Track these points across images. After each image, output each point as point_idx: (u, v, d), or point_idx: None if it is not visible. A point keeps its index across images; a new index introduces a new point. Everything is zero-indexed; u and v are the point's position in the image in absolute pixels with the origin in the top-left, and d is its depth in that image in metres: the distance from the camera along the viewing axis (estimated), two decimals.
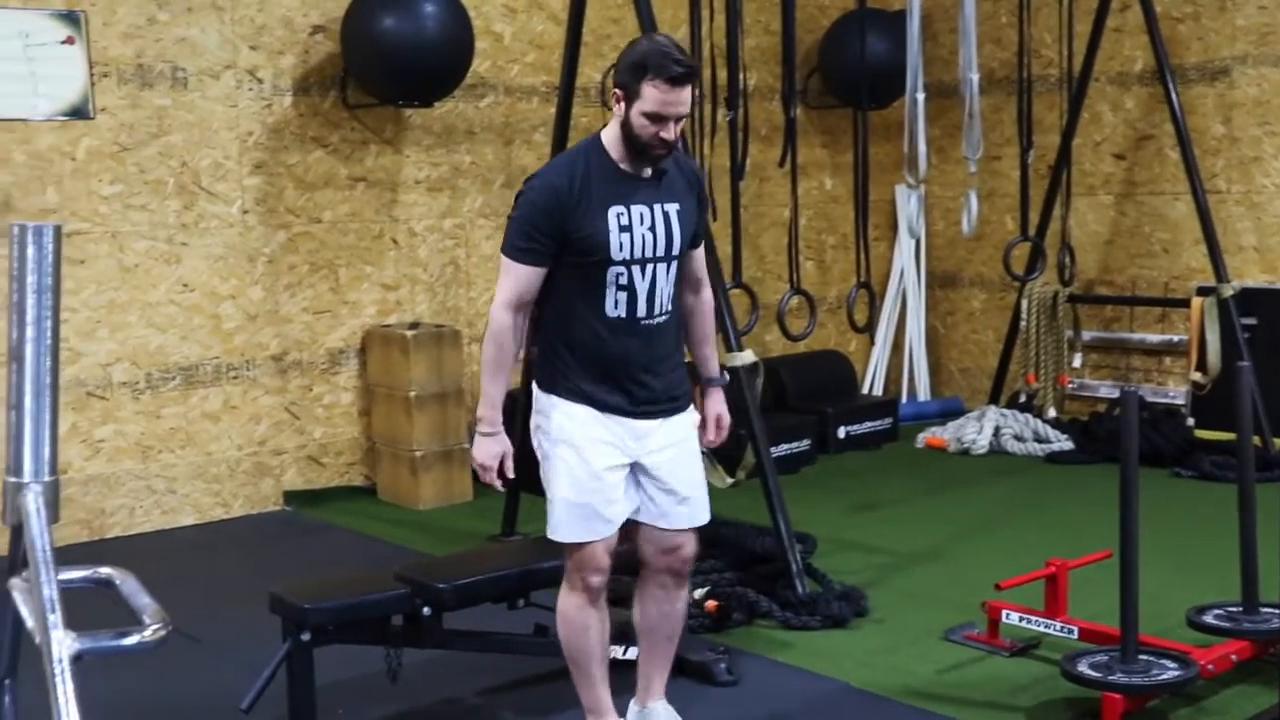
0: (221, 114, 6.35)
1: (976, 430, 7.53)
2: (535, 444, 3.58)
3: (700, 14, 5.73)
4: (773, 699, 4.12)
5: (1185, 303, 7.36)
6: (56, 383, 1.50)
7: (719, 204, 6.05)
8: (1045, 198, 7.77)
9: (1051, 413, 7.79)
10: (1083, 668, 3.83)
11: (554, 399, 3.50)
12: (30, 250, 1.43)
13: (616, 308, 3.46)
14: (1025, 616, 4.38)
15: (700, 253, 3.73)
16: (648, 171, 3.48)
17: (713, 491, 5.44)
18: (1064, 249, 7.66)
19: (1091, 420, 7.59)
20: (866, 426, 7.75)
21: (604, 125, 3.52)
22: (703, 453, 5.30)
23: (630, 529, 3.61)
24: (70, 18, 5.94)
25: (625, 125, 3.40)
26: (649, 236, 3.45)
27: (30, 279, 1.44)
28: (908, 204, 6.39)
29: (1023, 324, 7.88)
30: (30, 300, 1.44)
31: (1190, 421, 7.25)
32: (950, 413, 8.27)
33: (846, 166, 7.95)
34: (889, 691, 4.11)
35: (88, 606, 2.38)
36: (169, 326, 6.25)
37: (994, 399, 8.08)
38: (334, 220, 6.71)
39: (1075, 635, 4.27)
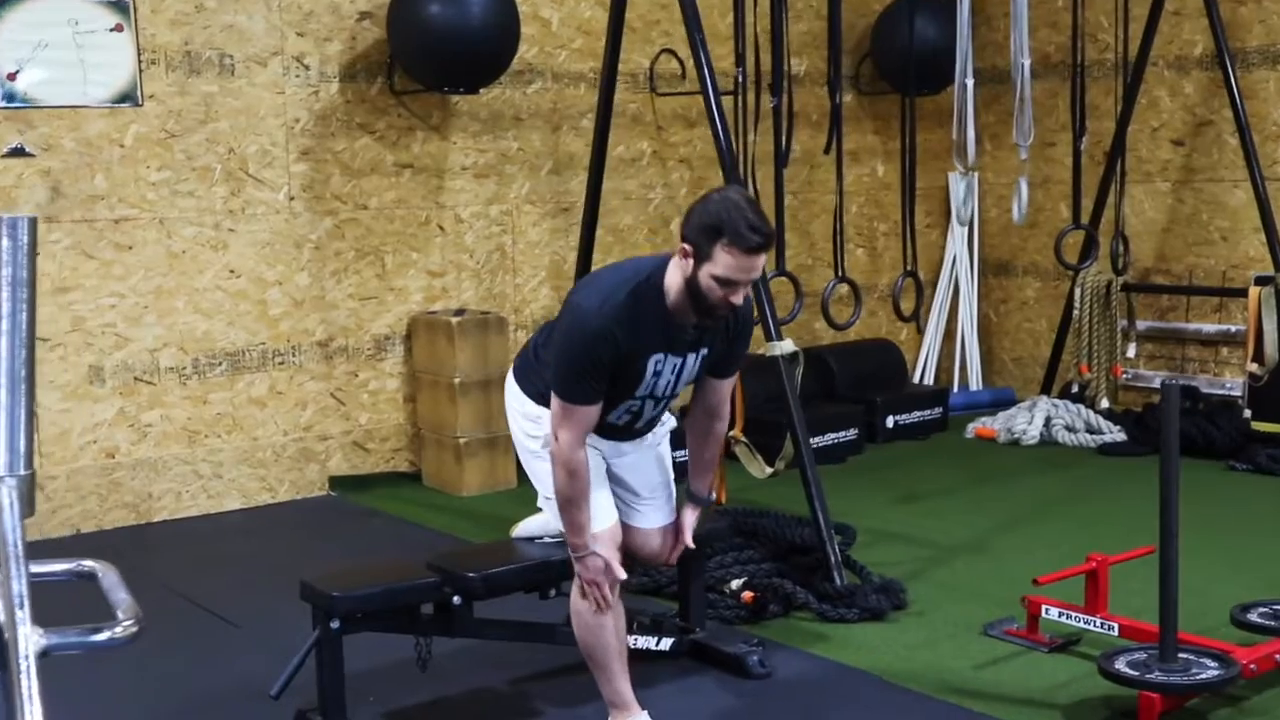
0: (268, 101, 6.38)
1: (1027, 421, 7.42)
2: (519, 444, 3.75)
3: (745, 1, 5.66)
4: (805, 692, 4.08)
5: (1243, 292, 7.21)
6: (32, 376, 1.49)
7: (764, 190, 6.02)
8: (1099, 185, 7.64)
9: (1104, 403, 7.67)
10: (1120, 665, 3.76)
11: (534, 404, 3.64)
12: (5, 243, 1.43)
13: (619, 419, 3.60)
14: (1065, 612, 4.31)
15: (726, 383, 3.73)
16: (693, 319, 3.43)
17: (752, 482, 5.47)
18: (1117, 237, 7.53)
19: (1145, 411, 7.46)
20: (915, 416, 7.67)
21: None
22: (742, 443, 5.33)
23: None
24: (119, 5, 5.99)
25: (692, 283, 3.32)
26: (671, 380, 3.54)
27: (5, 271, 1.43)
28: (958, 191, 6.30)
29: (1075, 313, 7.76)
30: (5, 293, 1.43)
31: (1247, 414, 7.10)
32: (1002, 403, 8.17)
33: (899, 153, 7.85)
34: (924, 686, 4.06)
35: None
36: (216, 312, 6.30)
37: (1046, 389, 7.97)
38: (380, 207, 6.72)
39: (1116, 632, 4.19)
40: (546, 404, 3.52)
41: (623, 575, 3.56)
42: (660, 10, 7.43)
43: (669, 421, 3.86)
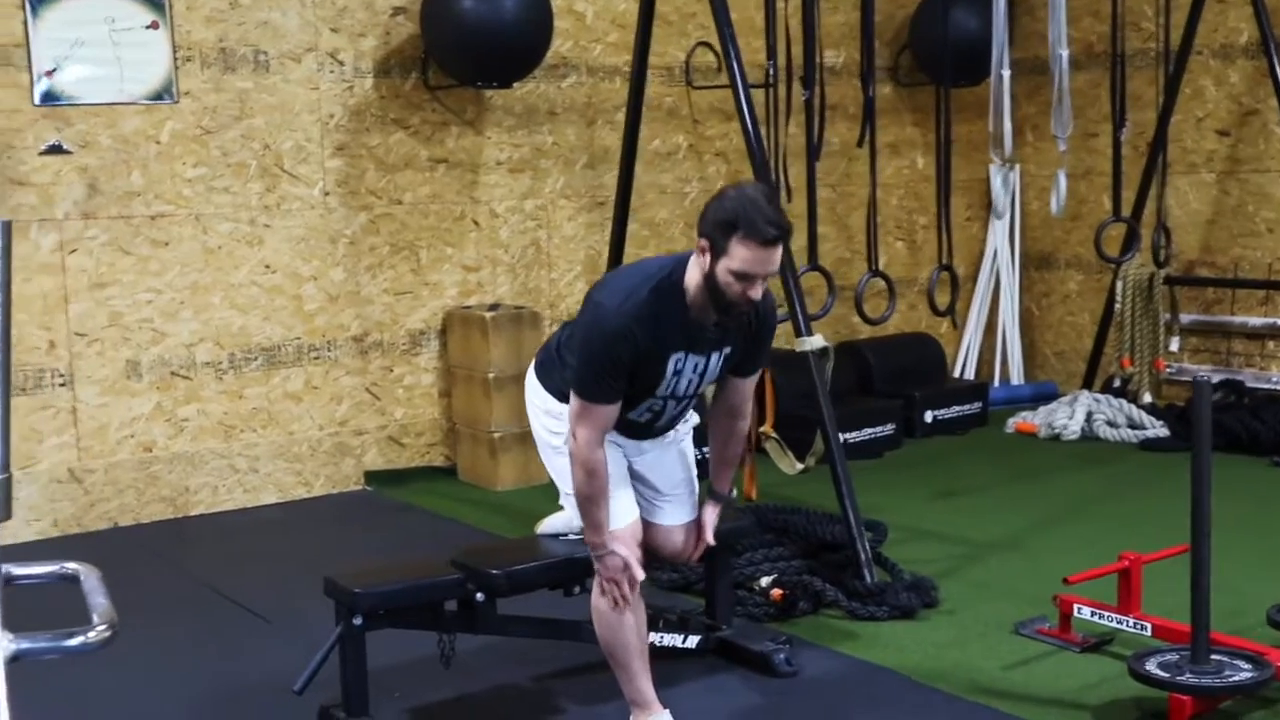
0: (303, 96, 6.40)
1: (1068, 415, 7.34)
2: (540, 440, 3.74)
3: None
4: (831, 691, 4.05)
5: None
6: (8, 381, 1.49)
7: (797, 184, 5.98)
8: (1142, 176, 7.53)
9: (1147, 398, 7.57)
10: (1150, 667, 3.70)
11: (555, 400, 3.61)
12: None
13: (640, 417, 3.57)
14: (1097, 611, 4.25)
15: (748, 382, 3.70)
16: (714, 317, 3.40)
17: (783, 478, 5.43)
18: (1159, 229, 7.42)
19: (1188, 406, 7.35)
20: (954, 411, 7.60)
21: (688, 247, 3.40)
22: (773, 438, 5.29)
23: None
24: (155, 2, 6.02)
25: (710, 279, 3.29)
26: (694, 379, 3.51)
27: None
28: (996, 183, 6.23)
29: (1117, 306, 7.65)
30: None
31: None
32: (1044, 397, 8.07)
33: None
34: (952, 686, 4.02)
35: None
36: (251, 307, 6.33)
37: (1087, 383, 7.88)
38: (415, 202, 6.73)
39: (1149, 632, 4.13)
40: (567, 401, 3.50)
41: (641, 575, 3.54)
42: (696, 3, 7.39)
43: (691, 418, 3.83)
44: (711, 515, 3.80)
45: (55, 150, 5.85)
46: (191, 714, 4.02)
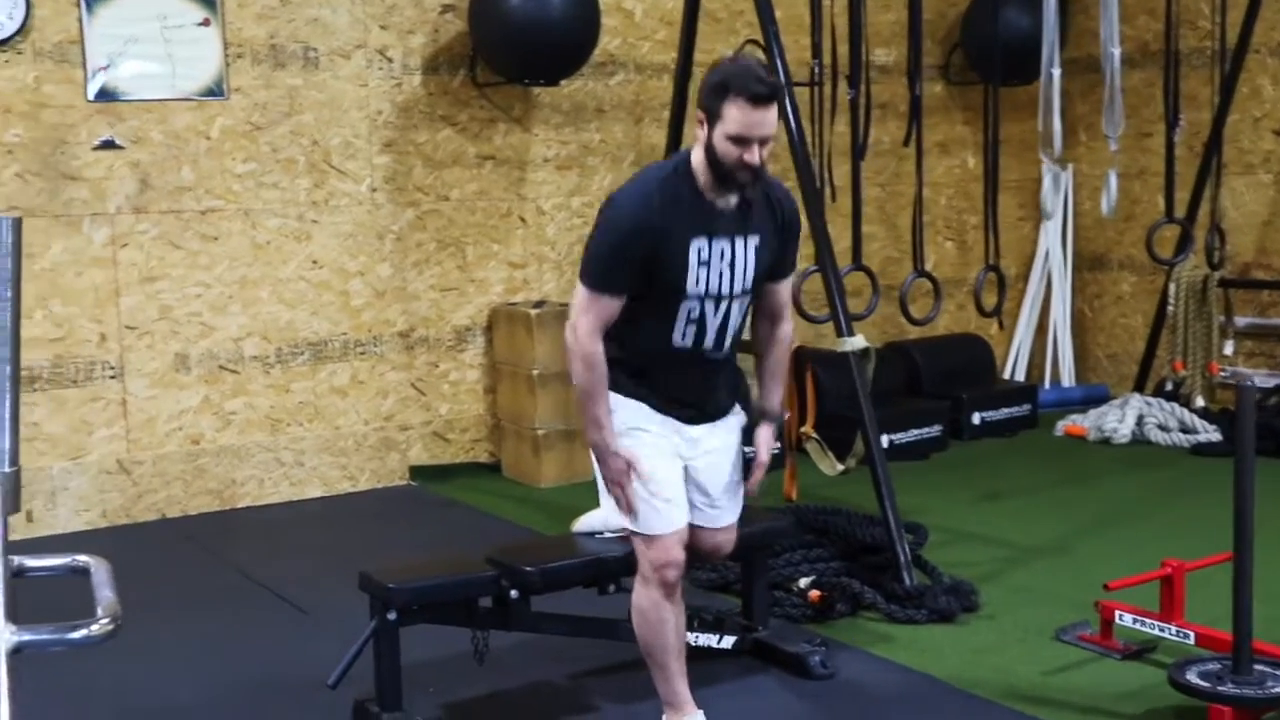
0: (352, 93, 6.44)
1: (1118, 419, 7.25)
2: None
3: None
4: (866, 694, 4.02)
5: None
6: (17, 375, 1.50)
7: (843, 183, 5.95)
8: (1196, 177, 7.42)
9: (1200, 402, 7.46)
10: (1191, 676, 3.64)
11: (614, 396, 3.47)
12: None
13: (684, 339, 3.44)
14: (1139, 618, 4.20)
15: (784, 286, 3.63)
16: (733, 201, 3.38)
17: (824, 479, 5.40)
18: (1213, 231, 7.31)
19: None
20: (1003, 413, 7.53)
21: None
22: (815, 440, 5.26)
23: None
24: (206, 0, 6.08)
25: (709, 149, 3.30)
26: (727, 273, 3.39)
27: None
28: (1049, 183, 6.16)
29: (1170, 309, 7.55)
30: None
31: None
32: (1095, 399, 7.98)
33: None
34: (988, 691, 3.98)
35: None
36: (299, 302, 6.38)
37: (1139, 386, 7.78)
38: (462, 198, 6.75)
39: (1192, 640, 4.07)
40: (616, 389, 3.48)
41: (644, 470, 3.43)
42: (745, 1, 7.35)
43: (739, 413, 3.75)
44: (766, 435, 3.65)
45: (108, 145, 5.93)
46: (226, 704, 4.05)
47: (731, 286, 3.41)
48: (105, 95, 5.91)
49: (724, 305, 3.42)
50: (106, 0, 5.88)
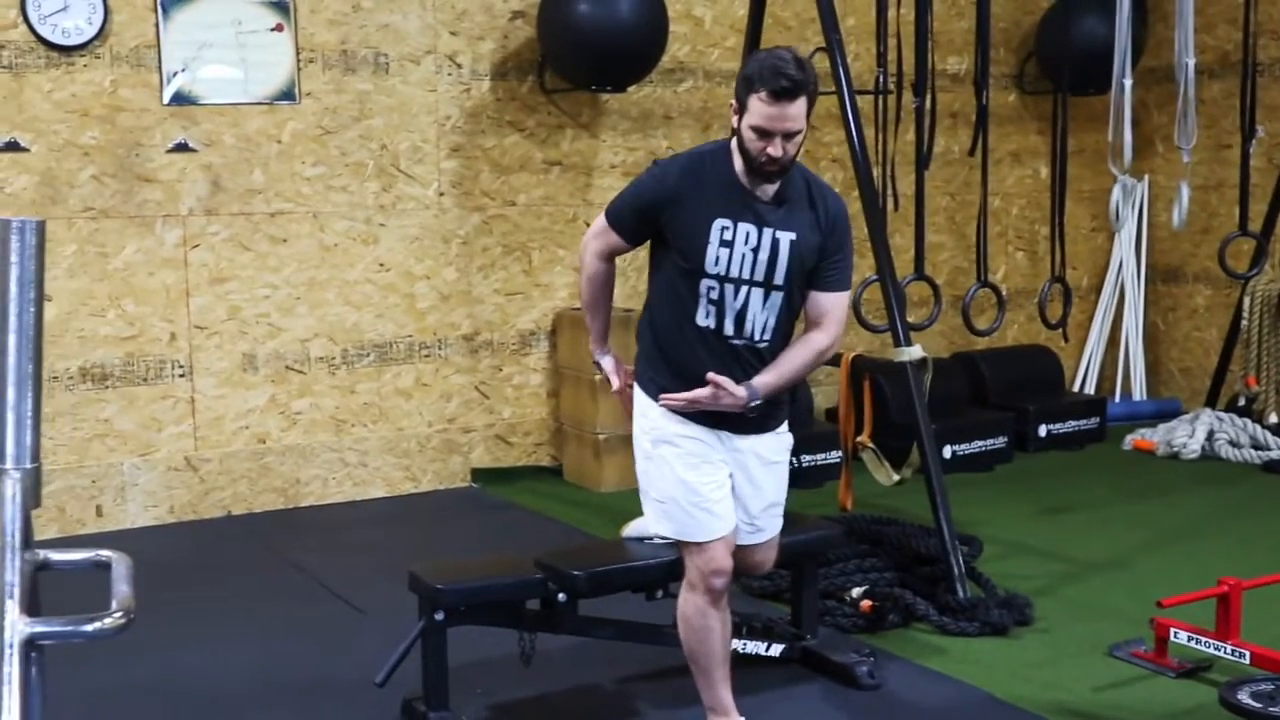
0: (421, 98, 6.51)
1: (1188, 434, 7.13)
2: (635, 442, 3.61)
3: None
4: (912, 707, 4.00)
5: None
6: (39, 373, 1.55)
7: (908, 193, 5.92)
8: (1275, 190, 7.29)
9: (1273, 418, 7.31)
10: (1243, 696, 3.60)
11: (649, 402, 3.49)
12: (14, 243, 1.49)
13: (706, 318, 3.44)
14: (1195, 636, 4.13)
15: (828, 296, 3.49)
16: (770, 191, 3.39)
17: (880, 489, 5.38)
18: None
19: None
20: (1070, 426, 7.44)
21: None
22: (870, 449, 5.24)
23: None
24: (280, 6, 6.19)
25: (738, 137, 3.35)
26: (749, 258, 3.38)
27: (13, 272, 1.49)
28: (1117, 195, 6.08)
29: (1244, 323, 7.42)
30: (13, 293, 1.50)
31: None
32: (1167, 414, 7.86)
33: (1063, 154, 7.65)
34: (1037, 707, 3.94)
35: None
36: (365, 305, 6.46)
37: (1211, 401, 7.65)
38: (528, 203, 6.81)
39: (1247, 660, 4.00)
40: (643, 390, 3.56)
41: (616, 384, 3.74)
42: (815, 9, 7.33)
43: (786, 435, 3.70)
44: (733, 386, 3.38)
45: (181, 148, 6.05)
46: (276, 699, 4.12)
47: (753, 273, 3.39)
48: (180, 99, 6.03)
49: (743, 291, 3.40)
50: (183, 5, 6.00)
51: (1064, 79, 6.10)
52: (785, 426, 3.69)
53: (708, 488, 3.48)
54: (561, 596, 3.86)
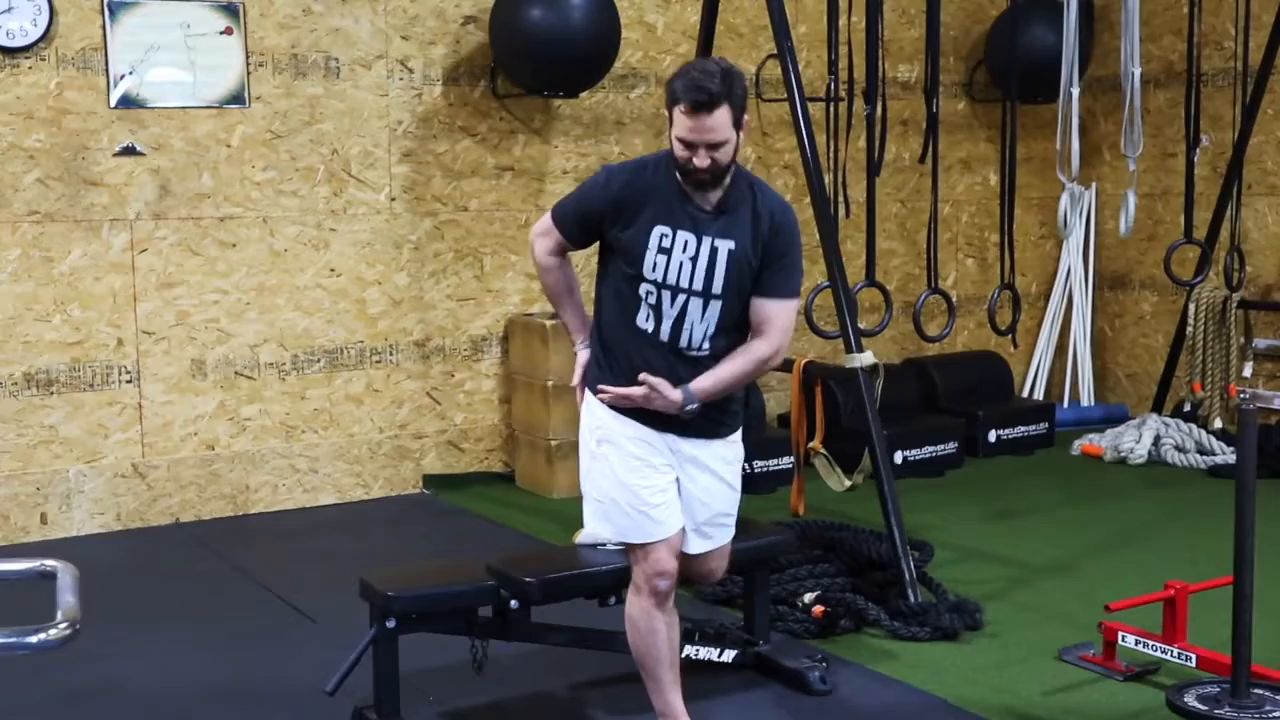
0: (372, 103, 6.48)
1: (1135, 439, 7.21)
2: (581, 441, 3.63)
3: (839, 5, 5.58)
4: (864, 711, 4.02)
5: None
6: None
7: (859, 199, 5.95)
8: (1218, 198, 7.38)
9: (1218, 423, 7.42)
10: (1189, 699, 3.64)
11: (595, 401, 3.50)
12: None
13: (646, 321, 3.47)
14: (1142, 640, 4.18)
15: (770, 304, 3.45)
16: (712, 199, 3.41)
17: (832, 495, 5.40)
18: (1233, 252, 7.26)
19: (1261, 433, 7.18)
20: (1019, 431, 7.50)
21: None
22: (822, 455, 5.26)
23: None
24: (229, 9, 6.14)
25: (670, 147, 3.39)
26: (687, 266, 3.40)
27: None
28: (1065, 202, 6.14)
29: (1189, 330, 7.52)
30: None
31: None
32: (1115, 419, 7.95)
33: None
34: (987, 710, 3.97)
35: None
36: (315, 310, 6.42)
37: (1157, 407, 7.73)
38: (480, 209, 6.79)
39: (1193, 663, 4.05)
40: (592, 389, 3.58)
41: (576, 378, 3.66)
42: (767, 16, 7.36)
43: (738, 444, 3.68)
44: (667, 387, 3.40)
45: (129, 152, 5.99)
46: (227, 709, 4.08)
47: (690, 282, 3.41)
48: (127, 102, 5.97)
49: (680, 299, 3.42)
50: (130, 7, 5.95)
51: (1013, 87, 6.15)
52: (738, 435, 3.69)
53: (648, 491, 3.48)
54: (514, 603, 3.85)
